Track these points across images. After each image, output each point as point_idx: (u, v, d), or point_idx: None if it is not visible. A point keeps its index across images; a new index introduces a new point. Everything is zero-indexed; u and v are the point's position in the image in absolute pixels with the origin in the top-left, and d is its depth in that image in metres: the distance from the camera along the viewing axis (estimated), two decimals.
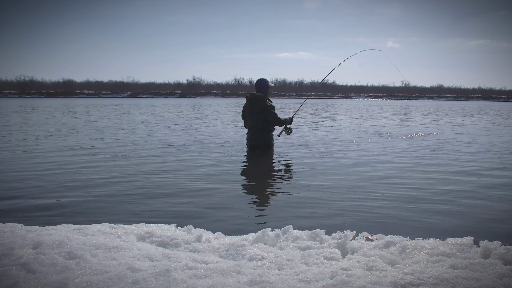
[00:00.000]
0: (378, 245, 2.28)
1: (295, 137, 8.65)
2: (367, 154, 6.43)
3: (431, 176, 4.73)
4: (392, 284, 1.78)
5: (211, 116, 17.89)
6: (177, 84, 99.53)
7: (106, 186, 4.15)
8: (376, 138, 8.80)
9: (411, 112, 25.03)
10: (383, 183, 4.33)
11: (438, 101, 79.97)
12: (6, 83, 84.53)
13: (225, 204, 3.52)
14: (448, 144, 7.87)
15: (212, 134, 9.59)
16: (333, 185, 4.22)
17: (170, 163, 5.52)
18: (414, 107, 34.72)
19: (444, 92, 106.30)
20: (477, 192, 3.99)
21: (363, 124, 13.20)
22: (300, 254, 2.17)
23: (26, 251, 2.05)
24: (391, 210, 3.33)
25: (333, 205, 3.49)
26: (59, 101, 46.82)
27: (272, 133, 6.41)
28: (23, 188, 4.04)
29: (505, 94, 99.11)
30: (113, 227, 2.55)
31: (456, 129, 11.79)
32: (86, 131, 10.23)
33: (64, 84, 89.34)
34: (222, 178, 4.55)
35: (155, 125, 12.33)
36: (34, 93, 78.28)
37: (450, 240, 2.30)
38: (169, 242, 2.35)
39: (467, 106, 41.70)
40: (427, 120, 16.01)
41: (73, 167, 5.17)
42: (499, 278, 1.82)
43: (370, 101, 70.81)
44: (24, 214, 3.18)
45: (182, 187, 4.12)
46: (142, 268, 1.90)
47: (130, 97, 77.72)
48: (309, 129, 11.20)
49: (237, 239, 2.40)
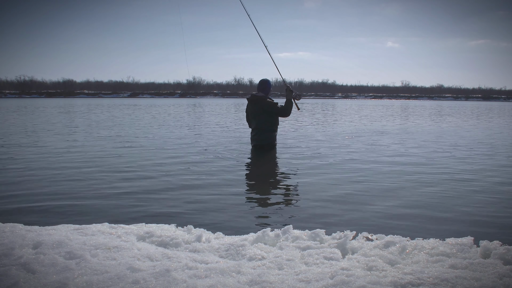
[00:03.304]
0: (378, 245, 2.27)
1: (295, 137, 8.66)
2: (369, 154, 6.43)
3: (431, 176, 4.73)
4: (392, 284, 1.78)
5: (215, 115, 17.89)
6: (177, 84, 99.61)
7: (106, 186, 4.15)
8: (376, 138, 8.80)
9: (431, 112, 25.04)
10: (384, 183, 4.33)
11: (438, 101, 79.96)
12: (6, 83, 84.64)
13: (225, 204, 3.52)
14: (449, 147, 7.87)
15: (216, 133, 9.59)
16: (334, 185, 4.22)
17: (171, 162, 5.52)
18: (422, 107, 34.73)
19: (444, 92, 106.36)
20: (478, 192, 3.99)
21: (364, 124, 13.21)
22: (300, 254, 2.17)
23: (26, 251, 2.05)
24: (391, 210, 3.33)
25: (333, 205, 3.49)
26: (58, 101, 46.80)
27: (275, 133, 6.44)
28: (23, 188, 4.04)
29: (505, 94, 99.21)
30: (113, 227, 2.55)
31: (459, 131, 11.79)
32: (86, 130, 10.23)
33: (64, 84, 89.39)
34: (223, 178, 4.55)
35: (158, 124, 12.33)
36: (34, 93, 78.33)
37: (450, 240, 2.30)
38: (169, 242, 2.35)
39: (467, 106, 41.70)
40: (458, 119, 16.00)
41: (73, 166, 5.17)
42: (499, 278, 1.82)
43: (370, 101, 70.80)
44: (24, 214, 3.17)
45: (182, 187, 4.11)
46: (142, 268, 1.90)
47: (130, 97, 77.74)
48: (312, 129, 11.20)
49: (237, 239, 2.40)
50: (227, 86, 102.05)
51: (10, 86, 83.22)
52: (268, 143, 6.31)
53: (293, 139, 8.27)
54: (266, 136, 6.28)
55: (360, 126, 12.32)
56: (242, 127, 11.42)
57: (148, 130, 10.60)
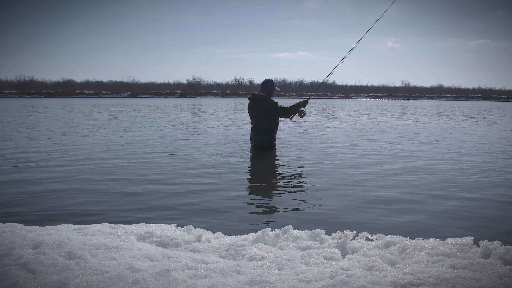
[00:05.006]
0: (378, 245, 2.27)
1: (295, 137, 8.66)
2: (369, 154, 6.43)
3: (432, 176, 4.73)
4: (392, 284, 1.78)
5: (216, 115, 17.89)
6: (177, 84, 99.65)
7: (106, 185, 4.15)
8: (376, 137, 8.80)
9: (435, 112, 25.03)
10: (383, 183, 4.33)
11: (438, 101, 79.96)
12: (6, 83, 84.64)
13: (225, 204, 3.52)
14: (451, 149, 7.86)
15: (217, 132, 9.59)
16: (334, 185, 4.22)
17: (171, 162, 5.52)
18: (423, 107, 34.73)
19: (444, 92, 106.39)
20: (477, 192, 3.99)
21: (366, 124, 13.20)
22: (300, 254, 2.17)
23: (26, 251, 2.05)
24: (391, 210, 3.33)
25: (333, 205, 3.49)
26: (58, 101, 46.81)
27: (275, 133, 6.44)
28: (23, 188, 4.04)
29: (505, 94, 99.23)
30: (113, 227, 2.55)
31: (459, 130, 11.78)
32: (86, 131, 10.23)
33: (64, 84, 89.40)
34: (223, 178, 4.55)
35: (157, 124, 12.33)
36: (34, 93, 78.35)
37: (450, 240, 2.30)
38: (169, 242, 2.35)
39: (467, 106, 41.71)
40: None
41: (73, 166, 5.17)
42: (499, 278, 1.82)
43: (370, 101, 70.79)
44: (24, 214, 3.17)
45: (182, 187, 4.11)
46: (142, 268, 1.90)
47: (130, 97, 77.75)
48: (313, 129, 11.20)
49: (237, 239, 2.40)
50: (227, 86, 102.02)
51: (10, 86, 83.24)
52: (267, 143, 6.31)
53: (293, 139, 8.27)
54: (265, 136, 6.29)
55: (359, 126, 12.32)
56: (242, 127, 11.42)
57: (147, 130, 10.60)
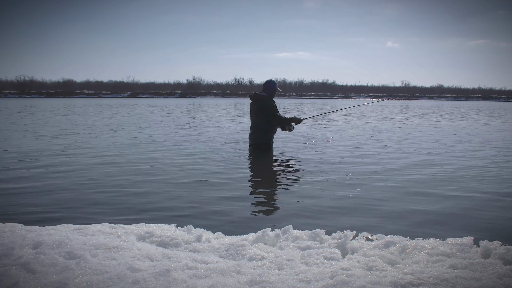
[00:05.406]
0: (378, 245, 2.27)
1: (295, 137, 8.65)
2: (368, 154, 6.43)
3: (432, 175, 4.73)
4: (392, 284, 1.78)
5: (215, 115, 17.88)
6: (177, 84, 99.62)
7: (106, 185, 4.15)
8: (376, 136, 8.80)
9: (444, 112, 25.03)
10: (383, 182, 4.33)
11: (438, 101, 79.97)
12: (6, 83, 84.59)
13: (225, 204, 3.52)
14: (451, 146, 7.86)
15: (215, 132, 9.59)
16: (334, 185, 4.22)
17: (170, 162, 5.52)
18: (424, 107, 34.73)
19: (444, 92, 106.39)
20: (477, 192, 3.99)
21: (366, 124, 13.21)
22: (300, 254, 2.17)
23: (26, 251, 2.05)
24: (391, 210, 3.33)
25: (333, 205, 3.49)
26: (58, 101, 46.81)
27: (273, 133, 6.43)
28: (23, 188, 4.04)
29: (505, 94, 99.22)
30: (113, 227, 2.55)
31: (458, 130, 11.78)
32: (86, 130, 10.23)
33: (64, 84, 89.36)
34: (223, 177, 4.55)
35: (155, 125, 12.32)
36: (34, 93, 78.29)
37: (450, 240, 2.30)
38: (169, 242, 2.35)
39: (467, 106, 41.70)
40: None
41: (73, 166, 5.17)
42: (499, 278, 1.82)
43: (370, 101, 70.77)
44: (24, 214, 3.17)
45: (182, 187, 4.11)
46: (142, 268, 1.90)
47: (130, 97, 77.73)
48: (313, 129, 11.20)
49: (237, 239, 2.40)
50: (227, 86, 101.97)
51: (10, 86, 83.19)
52: (264, 142, 6.31)
53: (293, 139, 8.27)
54: (263, 136, 6.28)
55: (358, 125, 12.32)
56: (242, 127, 11.43)
57: (146, 130, 10.60)
